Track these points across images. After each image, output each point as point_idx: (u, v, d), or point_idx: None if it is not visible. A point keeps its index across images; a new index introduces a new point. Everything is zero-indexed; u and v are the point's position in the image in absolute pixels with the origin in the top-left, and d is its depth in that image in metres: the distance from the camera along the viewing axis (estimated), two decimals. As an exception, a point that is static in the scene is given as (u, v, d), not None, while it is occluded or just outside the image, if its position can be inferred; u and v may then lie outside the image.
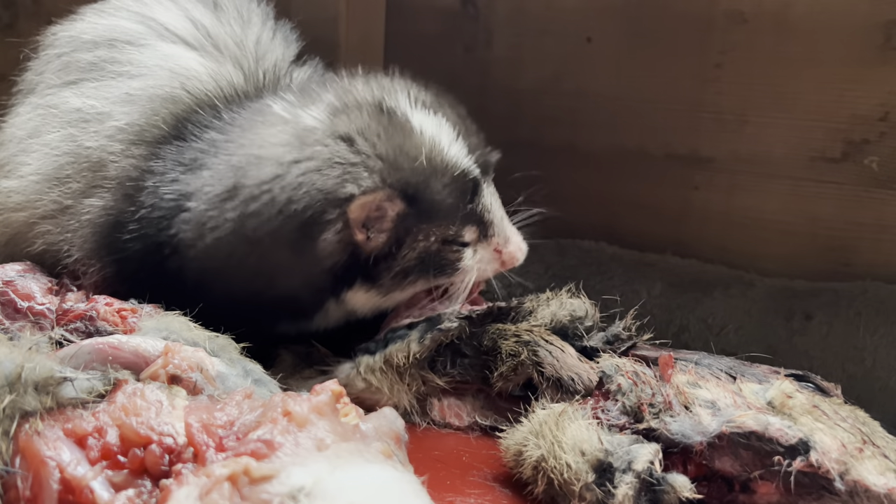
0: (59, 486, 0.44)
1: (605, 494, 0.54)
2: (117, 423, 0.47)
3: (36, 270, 0.71)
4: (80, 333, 0.62)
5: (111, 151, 0.72)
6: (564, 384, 0.65)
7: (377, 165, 0.64)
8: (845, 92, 0.88)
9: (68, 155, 0.74)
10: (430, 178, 0.66)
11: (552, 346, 0.68)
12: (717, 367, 0.65)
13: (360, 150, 0.65)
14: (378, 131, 0.66)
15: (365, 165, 0.64)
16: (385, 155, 0.65)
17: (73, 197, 0.73)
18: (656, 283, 0.93)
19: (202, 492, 0.41)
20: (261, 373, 0.59)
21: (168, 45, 0.78)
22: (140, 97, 0.75)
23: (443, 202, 0.67)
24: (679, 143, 0.98)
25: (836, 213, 0.91)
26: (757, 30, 0.90)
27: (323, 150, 0.65)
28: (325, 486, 0.41)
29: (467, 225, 0.69)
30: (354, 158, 0.64)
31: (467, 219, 0.69)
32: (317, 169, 0.64)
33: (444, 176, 0.67)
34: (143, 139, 0.73)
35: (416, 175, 0.65)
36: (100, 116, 0.74)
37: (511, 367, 0.68)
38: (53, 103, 0.78)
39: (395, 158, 0.65)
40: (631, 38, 0.98)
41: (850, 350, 0.82)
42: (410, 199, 0.65)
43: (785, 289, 0.90)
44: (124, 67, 0.77)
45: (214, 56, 0.78)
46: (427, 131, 0.67)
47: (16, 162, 0.77)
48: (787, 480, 0.52)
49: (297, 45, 0.86)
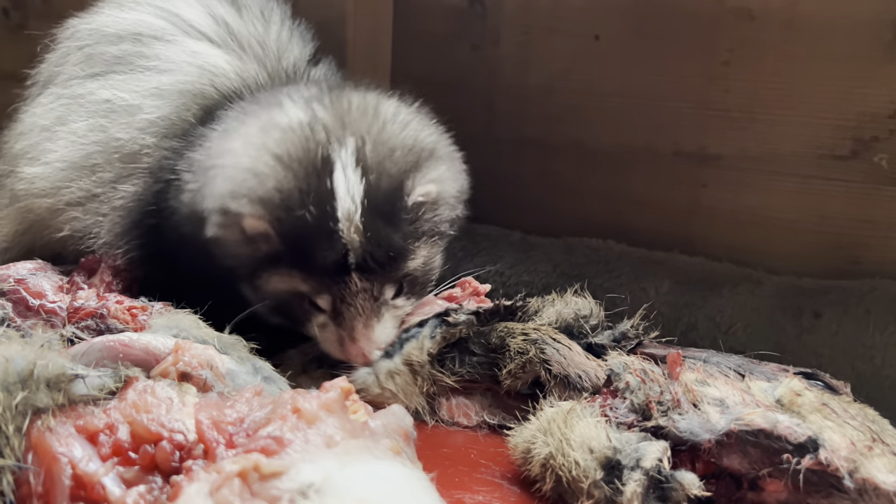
0: (70, 481, 0.44)
1: (614, 492, 0.54)
2: (128, 419, 0.47)
3: (47, 269, 0.71)
4: (91, 331, 0.62)
5: (143, 143, 0.75)
6: (572, 381, 0.66)
7: (272, 197, 0.64)
8: (854, 89, 0.87)
9: (97, 144, 0.76)
10: (310, 232, 0.64)
11: (559, 343, 0.68)
12: (726, 364, 0.65)
13: (265, 175, 0.65)
14: (298, 170, 0.65)
15: (263, 192, 0.64)
16: (284, 190, 0.64)
17: (102, 185, 0.75)
18: (664, 282, 0.93)
19: (213, 488, 0.41)
20: (270, 370, 0.59)
21: (194, 41, 0.80)
22: (170, 92, 0.77)
23: (312, 260, 0.65)
24: (687, 141, 0.98)
25: (844, 211, 0.90)
26: (765, 27, 0.90)
27: (253, 157, 0.66)
28: (334, 482, 0.41)
29: (324, 294, 0.67)
30: (261, 184, 0.65)
31: (326, 289, 0.66)
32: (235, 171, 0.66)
33: (324, 240, 0.64)
34: (173, 132, 0.75)
35: (298, 222, 0.64)
36: (130, 108, 0.76)
37: (519, 364, 0.68)
38: (78, 93, 0.80)
39: (288, 199, 0.64)
40: (639, 35, 0.98)
41: (859, 348, 0.82)
42: (285, 239, 0.64)
43: (793, 287, 0.89)
44: (152, 62, 0.79)
45: (239, 54, 0.80)
46: (337, 192, 0.64)
47: (40, 149, 0.79)
48: (795, 478, 0.52)
49: (312, 44, 0.87)
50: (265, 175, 0.65)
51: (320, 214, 0.63)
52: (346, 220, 0.64)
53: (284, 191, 0.64)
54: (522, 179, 1.10)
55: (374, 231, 0.64)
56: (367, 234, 0.64)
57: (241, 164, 0.67)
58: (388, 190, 0.66)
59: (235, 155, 0.68)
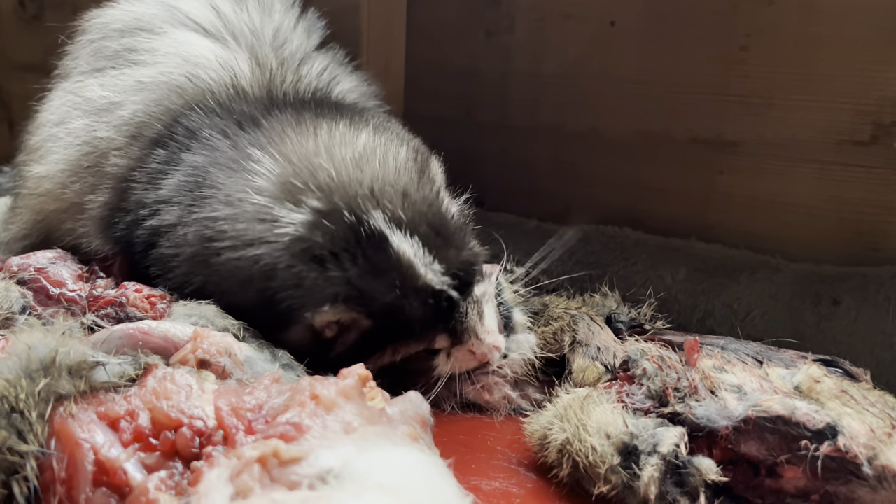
0: (93, 467, 0.44)
1: (631, 477, 0.54)
2: (148, 406, 0.47)
3: (67, 258, 0.72)
4: (111, 319, 0.63)
5: (114, 145, 0.73)
6: (590, 352, 0.69)
7: (346, 292, 0.60)
8: (874, 73, 0.86)
9: (88, 145, 0.75)
10: (401, 303, 0.62)
11: (594, 322, 0.72)
12: (744, 351, 0.64)
13: (331, 277, 0.60)
14: (356, 258, 0.61)
15: (333, 292, 0.60)
16: (359, 284, 0.61)
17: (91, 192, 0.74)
18: (681, 269, 0.92)
19: (233, 473, 0.42)
20: (288, 358, 0.59)
21: (184, 32, 0.79)
22: (149, 85, 0.75)
23: (413, 323, 0.63)
24: (704, 128, 0.97)
25: (864, 197, 0.89)
26: (783, 11, 0.89)
27: (294, 266, 0.61)
28: (353, 467, 0.42)
29: (438, 336, 0.66)
30: (321, 283, 0.60)
31: (440, 332, 0.66)
32: (281, 284, 0.61)
33: (416, 299, 0.63)
34: (141, 133, 0.73)
35: (386, 300, 0.61)
36: (111, 106, 0.75)
37: (551, 329, 0.72)
38: (78, 90, 0.79)
39: (365, 285, 0.61)
40: (655, 21, 0.97)
41: (878, 335, 0.81)
42: (378, 319, 0.62)
43: (812, 273, 0.89)
44: (141, 56, 0.78)
45: (227, 43, 0.78)
46: (402, 255, 0.62)
47: (45, 148, 0.79)
48: (813, 465, 0.52)
49: (320, 33, 0.86)
50: (323, 279, 0.61)
51: (401, 280, 0.61)
52: (425, 268, 0.62)
53: (353, 279, 0.61)
54: (537, 167, 1.10)
55: (450, 260, 0.64)
56: (450, 267, 0.64)
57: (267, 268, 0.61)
58: (432, 218, 0.65)
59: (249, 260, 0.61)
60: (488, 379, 0.71)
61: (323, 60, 0.84)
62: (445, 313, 0.65)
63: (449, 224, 0.66)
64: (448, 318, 0.65)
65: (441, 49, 1.15)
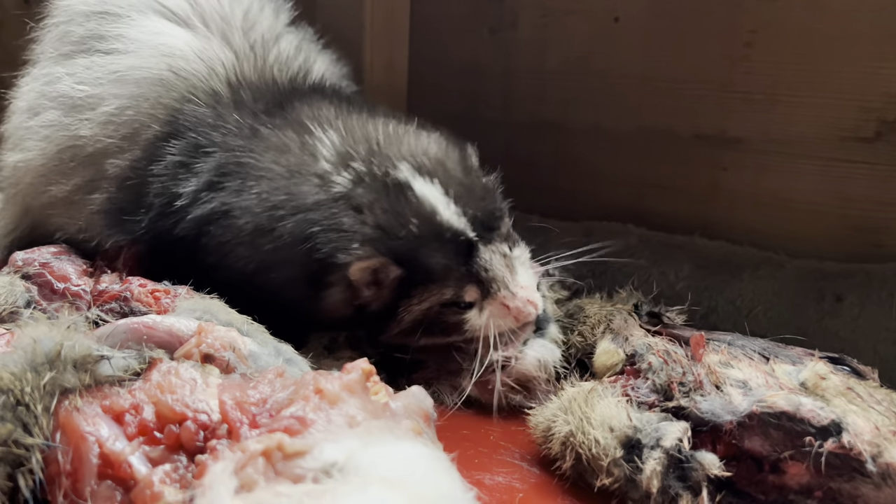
0: (98, 460, 0.45)
1: (633, 470, 0.54)
2: (153, 400, 0.48)
3: (71, 253, 0.72)
4: (115, 314, 0.63)
5: (108, 143, 0.73)
6: (618, 340, 0.70)
7: (373, 234, 0.66)
8: (879, 70, 0.86)
9: (68, 139, 0.74)
10: (422, 244, 0.67)
11: (630, 317, 0.74)
12: (751, 347, 0.64)
13: (365, 220, 0.67)
14: (383, 203, 0.67)
15: (363, 234, 0.66)
16: (384, 224, 0.66)
17: (78, 191, 0.75)
18: (684, 265, 0.92)
19: (237, 466, 0.42)
20: (292, 352, 0.60)
21: (153, 18, 0.77)
22: (129, 78, 0.74)
23: (435, 266, 0.67)
24: (707, 124, 0.97)
25: (868, 194, 0.89)
26: (788, 7, 0.89)
27: (337, 213, 0.67)
28: (357, 461, 0.42)
29: (466, 286, 0.69)
30: (355, 226, 0.66)
31: (466, 280, 0.68)
32: (324, 229, 0.67)
33: (436, 241, 0.67)
34: (137, 130, 0.73)
35: (407, 240, 0.66)
36: (91, 100, 0.74)
37: (590, 325, 0.74)
38: (47, 79, 0.78)
39: (389, 226, 0.66)
40: (658, 17, 0.97)
41: (881, 332, 0.81)
42: (405, 265, 0.67)
43: (815, 270, 0.88)
44: (111, 44, 0.76)
45: (198, 31, 0.77)
46: (423, 199, 0.67)
47: (18, 136, 0.78)
48: (817, 462, 0.52)
49: (287, 13, 0.85)
50: (359, 222, 0.66)
51: (421, 221, 0.67)
52: (446, 210, 0.67)
53: (383, 224, 0.66)
54: (540, 163, 1.10)
55: (472, 202, 0.69)
56: (468, 210, 0.68)
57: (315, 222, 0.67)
58: (455, 164, 0.71)
59: (303, 221, 0.67)
60: (492, 377, 0.70)
61: (290, 42, 0.84)
62: (465, 256, 0.68)
63: (472, 177, 0.72)
64: (470, 262, 0.68)
65: (444, 45, 1.15)
